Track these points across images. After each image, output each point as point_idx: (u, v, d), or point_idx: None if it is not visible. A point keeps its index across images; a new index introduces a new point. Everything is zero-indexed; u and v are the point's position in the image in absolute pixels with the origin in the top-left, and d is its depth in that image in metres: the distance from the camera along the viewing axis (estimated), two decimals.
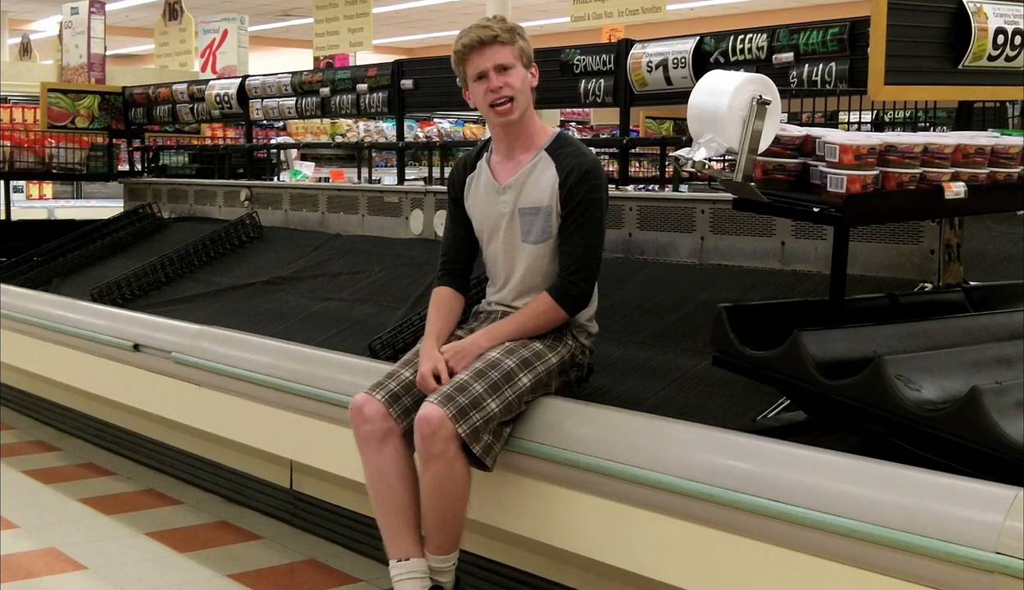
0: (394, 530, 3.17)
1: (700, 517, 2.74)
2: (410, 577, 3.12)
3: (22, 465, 5.21)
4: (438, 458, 3.02)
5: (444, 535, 3.14)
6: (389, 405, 3.17)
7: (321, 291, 5.22)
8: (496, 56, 3.27)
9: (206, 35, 12.18)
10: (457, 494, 3.08)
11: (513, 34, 3.30)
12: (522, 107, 3.30)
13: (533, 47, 3.38)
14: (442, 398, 3.04)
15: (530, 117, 3.37)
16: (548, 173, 3.32)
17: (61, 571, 3.90)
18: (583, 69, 4.89)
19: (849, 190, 2.78)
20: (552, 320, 3.29)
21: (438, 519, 3.12)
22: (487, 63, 3.27)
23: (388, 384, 3.23)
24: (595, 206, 3.29)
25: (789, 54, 4.04)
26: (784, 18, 4.56)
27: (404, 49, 25.00)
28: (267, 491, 4.45)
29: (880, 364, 2.61)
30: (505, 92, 3.26)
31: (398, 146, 6.43)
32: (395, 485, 3.16)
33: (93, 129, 7.76)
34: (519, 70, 3.29)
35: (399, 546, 3.15)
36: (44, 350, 5.50)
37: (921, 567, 2.33)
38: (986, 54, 3.23)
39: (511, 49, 3.28)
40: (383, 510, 3.19)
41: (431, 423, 3.00)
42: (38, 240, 7.02)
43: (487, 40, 3.27)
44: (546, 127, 3.43)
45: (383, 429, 3.16)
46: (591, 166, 3.31)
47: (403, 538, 3.16)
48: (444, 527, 3.13)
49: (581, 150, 3.36)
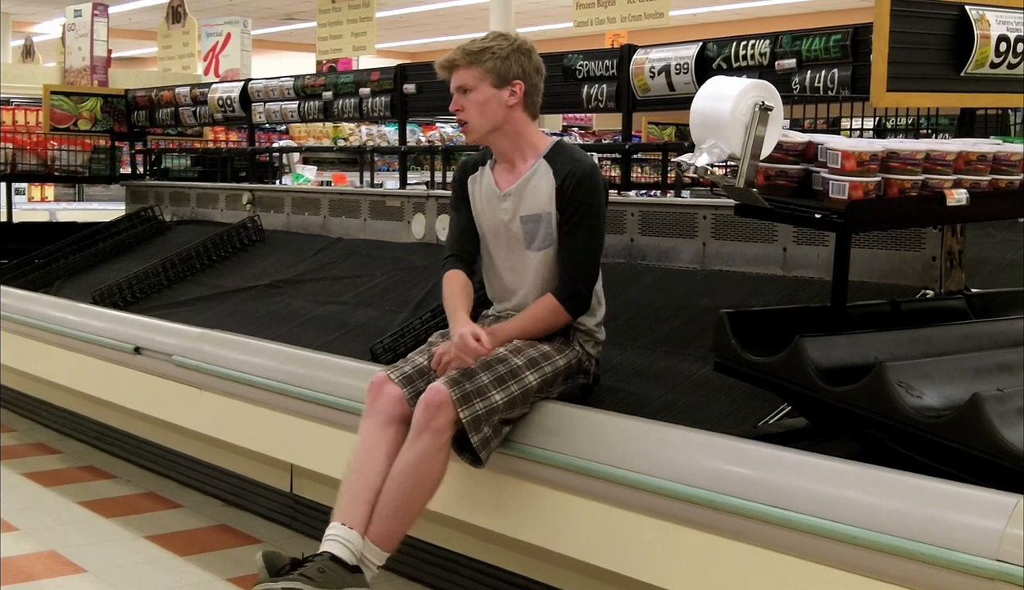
0: (355, 498, 3.13)
1: (701, 522, 2.74)
2: (345, 544, 3.06)
3: (22, 467, 5.20)
4: (431, 434, 3.05)
5: (391, 522, 3.11)
6: (404, 386, 3.21)
7: (323, 295, 5.22)
8: (459, 78, 3.40)
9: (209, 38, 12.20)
10: (426, 483, 3.09)
11: (479, 55, 3.36)
12: (480, 129, 3.40)
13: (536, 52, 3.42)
14: (449, 381, 3.08)
15: (521, 129, 3.42)
16: (546, 180, 3.37)
17: (61, 574, 3.90)
18: (586, 74, 4.89)
19: (851, 196, 2.78)
20: (555, 322, 3.32)
21: (396, 501, 3.10)
22: (454, 84, 3.41)
23: (403, 367, 3.29)
24: (592, 210, 3.33)
25: (791, 60, 4.04)
26: (787, 24, 4.57)
27: (407, 53, 25.00)
28: (267, 495, 4.45)
29: (881, 370, 2.61)
30: (460, 115, 3.40)
31: (400, 150, 6.43)
32: (379, 463, 3.15)
33: (95, 132, 7.76)
34: (482, 89, 3.36)
35: (351, 514, 3.11)
36: (45, 352, 5.50)
37: (922, 574, 2.33)
38: (988, 61, 3.23)
39: (473, 70, 3.36)
40: (356, 477, 3.16)
41: (439, 394, 3.05)
42: (40, 242, 7.02)
43: (449, 64, 3.40)
44: (546, 137, 3.49)
45: (396, 413, 3.19)
46: (587, 170, 3.35)
47: (359, 509, 3.11)
48: (396, 513, 3.10)
49: (577, 155, 3.41)
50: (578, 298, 3.34)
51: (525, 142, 3.43)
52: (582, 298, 3.34)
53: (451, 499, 3.28)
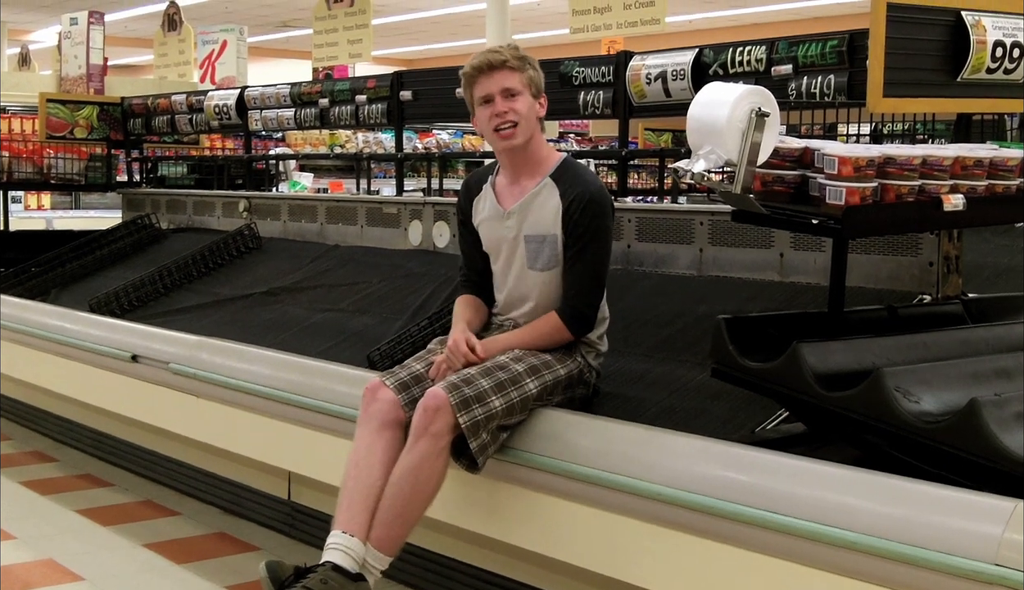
0: (353, 505, 3.12)
1: (698, 529, 2.74)
2: (347, 552, 3.05)
3: (20, 476, 5.20)
4: (429, 438, 3.04)
5: (393, 528, 3.10)
6: (399, 392, 3.21)
7: (320, 302, 5.22)
8: (504, 81, 3.30)
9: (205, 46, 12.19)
10: (426, 487, 3.09)
11: (524, 62, 3.33)
12: (526, 134, 3.33)
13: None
14: (448, 386, 3.08)
15: (537, 145, 3.40)
16: (552, 200, 3.35)
17: (58, 582, 3.89)
18: (582, 81, 4.89)
19: (848, 202, 2.78)
20: (557, 340, 3.33)
21: (397, 506, 3.09)
22: (494, 87, 3.30)
23: (399, 373, 3.28)
24: (599, 234, 3.32)
25: (788, 66, 4.05)
26: (783, 30, 4.56)
27: (403, 60, 25.04)
28: (265, 502, 4.44)
29: (879, 376, 2.61)
30: (510, 117, 3.30)
31: (397, 157, 6.44)
32: (376, 469, 3.14)
33: (92, 139, 7.76)
34: (526, 98, 3.32)
35: (351, 520, 3.10)
36: (42, 361, 5.49)
37: (920, 579, 2.33)
38: (985, 66, 3.24)
39: (520, 76, 3.31)
40: (354, 484, 3.15)
41: (437, 399, 3.04)
42: (36, 250, 7.00)
43: (496, 64, 3.30)
44: (553, 152, 3.46)
45: (390, 418, 3.19)
46: (594, 193, 3.33)
47: (359, 515, 3.11)
48: (397, 518, 3.10)
49: (585, 177, 3.38)
50: (581, 319, 3.35)
51: (538, 157, 3.40)
52: (586, 319, 3.35)
53: (448, 505, 3.28)
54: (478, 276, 3.58)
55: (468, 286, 3.58)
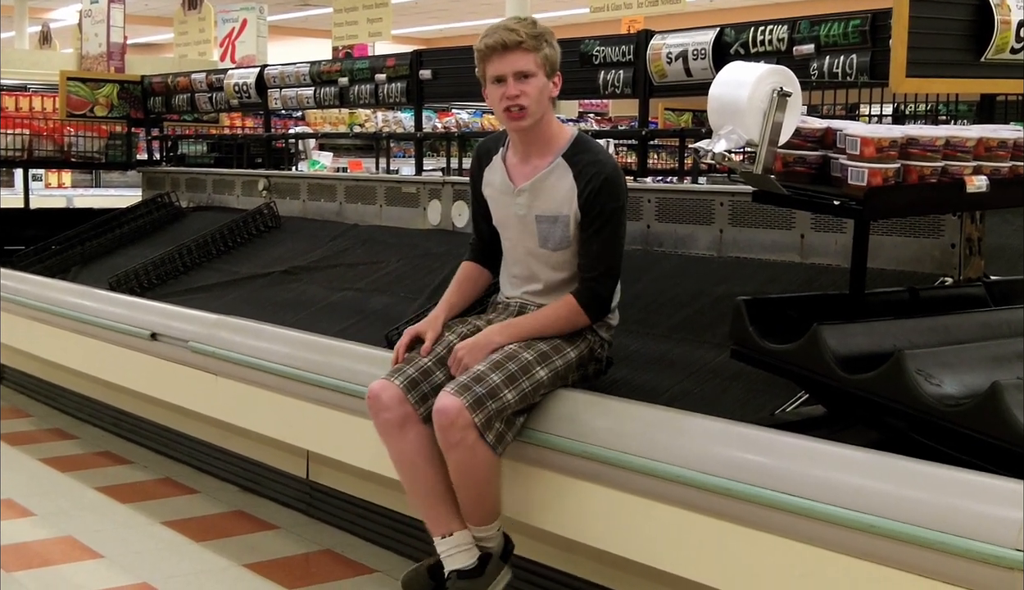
0: (430, 509, 3.19)
1: (717, 511, 2.73)
2: (457, 550, 3.14)
3: (39, 453, 5.23)
4: (458, 446, 3.03)
5: (480, 510, 3.16)
6: (407, 391, 3.18)
7: (338, 281, 5.22)
8: (517, 62, 3.21)
9: (225, 24, 12.20)
10: (483, 476, 3.09)
11: (539, 41, 3.22)
12: (535, 116, 3.25)
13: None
14: (459, 388, 3.05)
15: (547, 122, 3.32)
16: (566, 181, 3.28)
17: (78, 559, 3.92)
18: (602, 60, 4.87)
19: (870, 183, 2.76)
20: (574, 323, 3.28)
21: (471, 499, 3.14)
22: (507, 68, 3.22)
23: (406, 370, 3.25)
24: (615, 214, 3.28)
25: (810, 46, 4.02)
26: (805, 10, 4.53)
27: (423, 39, 24.97)
28: (283, 481, 4.46)
29: (900, 358, 2.60)
30: (521, 101, 3.21)
31: (416, 136, 6.42)
32: (422, 468, 3.17)
33: (112, 118, 7.78)
34: (539, 79, 3.23)
35: (439, 523, 3.17)
36: (62, 338, 5.51)
37: (941, 563, 2.31)
38: (1009, 47, 3.21)
39: (534, 57, 3.21)
40: (414, 492, 3.22)
41: (448, 414, 3.01)
42: (56, 228, 7.04)
43: (511, 44, 3.20)
44: (564, 129, 3.38)
45: (401, 415, 3.17)
46: (609, 173, 3.27)
47: (441, 514, 3.17)
48: (478, 503, 3.15)
49: (599, 157, 3.30)
50: (599, 301, 3.29)
51: (548, 135, 3.32)
52: (603, 301, 3.30)
53: None
54: (483, 244, 3.55)
55: (471, 252, 3.57)
